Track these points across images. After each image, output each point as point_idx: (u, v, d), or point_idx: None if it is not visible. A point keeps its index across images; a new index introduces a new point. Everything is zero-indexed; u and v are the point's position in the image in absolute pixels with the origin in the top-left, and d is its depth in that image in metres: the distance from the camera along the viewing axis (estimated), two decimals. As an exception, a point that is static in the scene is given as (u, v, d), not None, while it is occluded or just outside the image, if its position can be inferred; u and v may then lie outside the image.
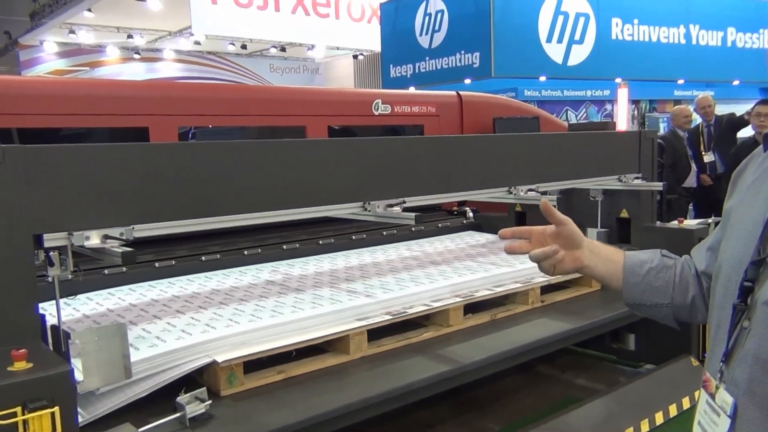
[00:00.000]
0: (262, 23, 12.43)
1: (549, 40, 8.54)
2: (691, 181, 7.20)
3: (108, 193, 1.71)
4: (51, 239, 1.60)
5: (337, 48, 14.62)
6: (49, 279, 1.68)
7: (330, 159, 2.22)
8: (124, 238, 1.68)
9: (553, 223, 1.47)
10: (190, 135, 3.90)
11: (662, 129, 11.61)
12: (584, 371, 3.22)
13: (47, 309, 1.81)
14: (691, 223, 3.29)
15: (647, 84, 12.22)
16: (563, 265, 1.45)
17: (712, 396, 1.12)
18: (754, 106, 6.20)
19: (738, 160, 1.30)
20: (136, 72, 15.87)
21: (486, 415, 2.75)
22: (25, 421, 1.28)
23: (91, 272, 2.54)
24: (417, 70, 9.24)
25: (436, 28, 8.81)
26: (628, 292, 1.43)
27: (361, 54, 16.11)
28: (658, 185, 3.27)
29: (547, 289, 2.79)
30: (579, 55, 8.86)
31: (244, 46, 15.13)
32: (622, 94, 11.76)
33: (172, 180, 1.84)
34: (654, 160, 3.39)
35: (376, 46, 10.83)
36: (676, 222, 3.22)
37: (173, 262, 2.86)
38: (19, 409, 1.27)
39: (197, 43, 14.35)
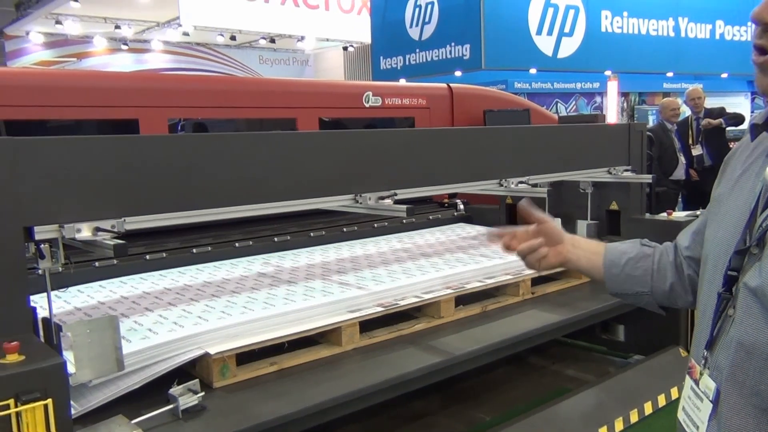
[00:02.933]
0: (251, 14, 12.35)
1: (539, 32, 8.57)
2: (678, 174, 7.24)
3: (99, 185, 1.71)
4: (42, 231, 1.59)
5: (327, 39, 14.56)
6: (40, 271, 1.67)
7: (321, 151, 2.22)
8: (115, 230, 1.68)
9: (533, 222, 1.55)
10: (179, 127, 3.88)
11: (651, 121, 11.66)
12: (574, 362, 3.24)
13: (38, 302, 1.80)
14: (679, 215, 3.31)
15: (636, 76, 12.29)
16: (547, 260, 1.54)
17: (696, 382, 1.14)
18: None
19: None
20: (125, 63, 15.72)
21: (477, 406, 2.76)
22: (18, 414, 1.27)
23: (82, 264, 2.54)
24: (407, 62, 9.24)
25: (427, 19, 8.81)
26: (610, 283, 1.50)
27: (351, 46, 16.06)
28: (648, 177, 3.29)
29: (537, 281, 2.81)
30: (569, 47, 8.90)
31: (233, 38, 15.01)
32: (612, 87, 11.82)
33: (162, 172, 1.84)
34: (643, 153, 3.41)
35: (367, 38, 10.82)
36: (665, 214, 3.25)
37: (164, 254, 2.85)
38: (12, 402, 1.27)
39: (186, 34, 14.23)
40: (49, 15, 13.11)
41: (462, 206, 4.04)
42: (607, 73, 10.63)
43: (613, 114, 11.79)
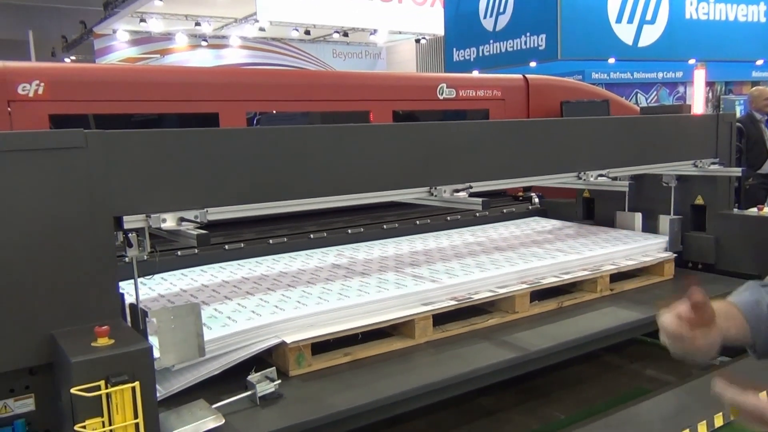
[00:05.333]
0: (325, 8, 12.52)
1: (619, 20, 8.27)
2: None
3: (183, 177, 1.76)
4: (130, 221, 1.66)
5: (400, 32, 14.57)
6: (127, 259, 1.75)
7: (397, 144, 2.21)
8: (198, 220, 1.73)
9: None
10: (255, 121, 3.96)
11: (739, 112, 11.08)
12: (653, 362, 3.12)
13: (125, 288, 1.88)
14: (771, 210, 3.14)
15: (723, 65, 11.68)
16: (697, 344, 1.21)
17: None
18: None
19: None
20: (204, 59, 16.22)
21: (551, 403, 2.70)
22: (108, 395, 1.34)
23: (166, 253, 2.63)
24: (481, 54, 9.10)
25: (501, 10, 8.65)
26: (762, 342, 1.28)
27: (424, 38, 16.00)
28: (737, 171, 3.13)
29: (616, 278, 2.73)
30: (650, 35, 8.55)
31: (307, 32, 15.24)
32: (699, 76, 11.25)
33: (243, 164, 1.88)
34: (732, 145, 3.24)
35: (439, 30, 10.73)
36: (755, 209, 3.08)
37: (242, 244, 2.92)
38: (102, 383, 1.33)
39: (262, 29, 14.57)
40: (134, 13, 13.68)
41: (537, 200, 3.96)
42: (692, 61, 10.15)
43: (700, 104, 11.25)
